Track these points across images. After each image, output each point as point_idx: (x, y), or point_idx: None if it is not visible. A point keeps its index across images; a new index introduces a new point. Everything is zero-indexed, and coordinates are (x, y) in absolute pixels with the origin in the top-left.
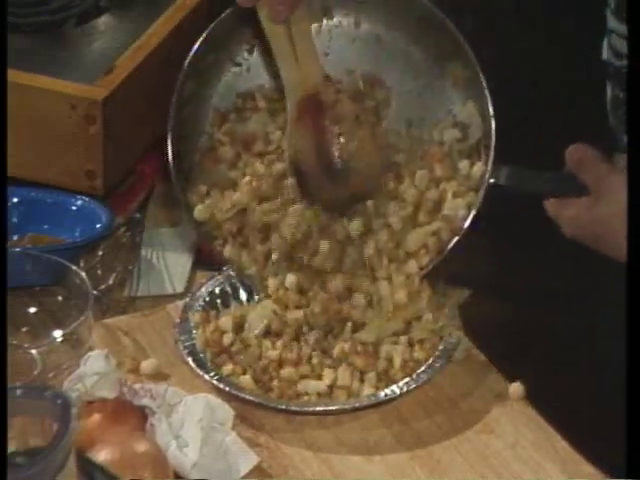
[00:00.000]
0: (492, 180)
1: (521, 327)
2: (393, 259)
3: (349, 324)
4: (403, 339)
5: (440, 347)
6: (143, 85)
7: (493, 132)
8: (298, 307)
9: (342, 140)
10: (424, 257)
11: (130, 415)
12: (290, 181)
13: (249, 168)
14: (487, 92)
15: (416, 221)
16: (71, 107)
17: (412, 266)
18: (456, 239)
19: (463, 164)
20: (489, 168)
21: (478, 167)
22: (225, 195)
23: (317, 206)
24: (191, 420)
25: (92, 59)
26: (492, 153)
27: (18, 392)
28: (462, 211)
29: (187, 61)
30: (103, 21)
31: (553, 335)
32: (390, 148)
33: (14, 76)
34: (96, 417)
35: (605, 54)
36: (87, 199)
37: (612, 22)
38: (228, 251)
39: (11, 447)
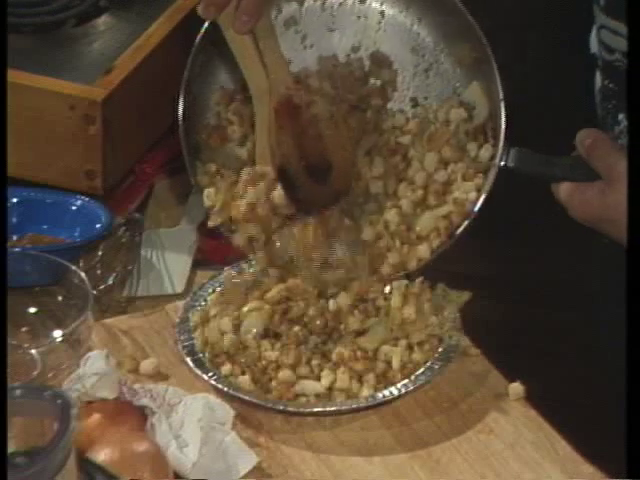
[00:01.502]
0: (502, 163)
1: (521, 327)
2: (405, 242)
3: (350, 331)
4: (402, 342)
5: (440, 349)
6: (142, 85)
7: (502, 114)
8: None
9: (320, 140)
10: (435, 240)
11: (130, 415)
12: (277, 192)
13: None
14: (497, 73)
15: (426, 204)
16: (70, 107)
17: (424, 250)
18: (467, 222)
19: (471, 146)
20: (499, 150)
21: (486, 149)
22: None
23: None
24: (191, 420)
25: (92, 59)
26: (502, 135)
27: (18, 392)
28: (472, 194)
29: (199, 37)
30: (103, 21)
31: (553, 335)
32: (396, 130)
33: (14, 76)
34: (96, 417)
35: (594, 48)
36: (87, 199)
37: (602, 18)
38: (237, 239)
39: (11, 447)
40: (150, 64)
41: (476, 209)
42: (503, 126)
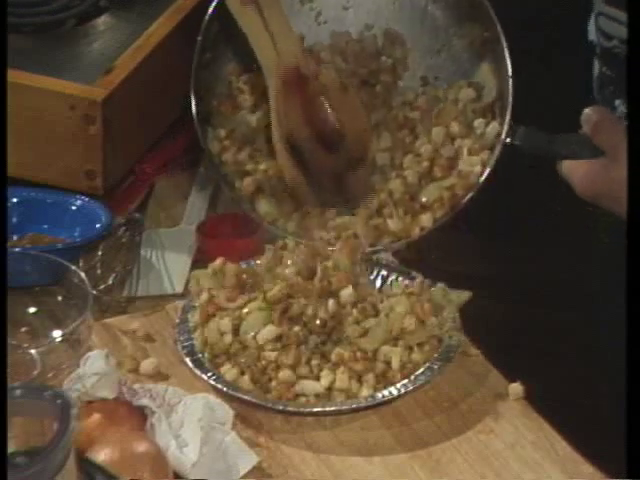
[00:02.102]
0: (508, 140)
1: (521, 327)
2: (408, 211)
3: (350, 330)
4: (402, 342)
5: (439, 349)
6: (142, 85)
7: (510, 92)
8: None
9: (330, 109)
10: (438, 211)
11: (130, 415)
12: (284, 157)
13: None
14: (507, 53)
15: (431, 176)
16: (70, 107)
17: (427, 219)
18: (470, 195)
19: (478, 122)
20: (505, 127)
21: (493, 126)
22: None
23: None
24: (191, 420)
25: (92, 59)
26: (509, 113)
27: (18, 392)
28: (477, 167)
29: (213, 5)
30: (103, 21)
31: (553, 335)
32: (406, 105)
33: (14, 76)
34: (96, 417)
35: (592, 35)
36: (87, 199)
37: (600, 6)
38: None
39: (11, 447)
40: (150, 64)
41: (480, 182)
42: (510, 103)
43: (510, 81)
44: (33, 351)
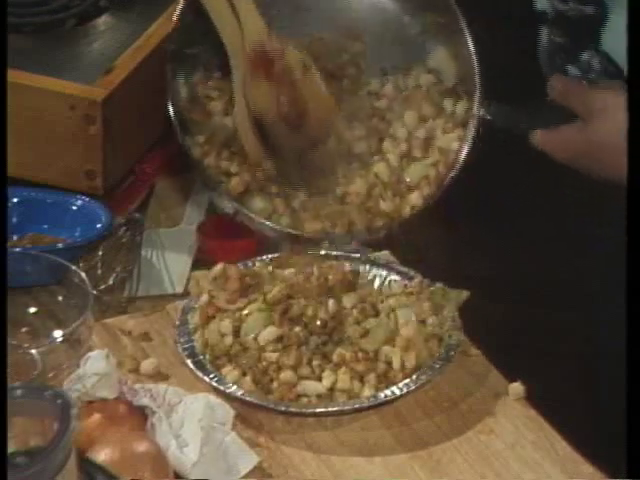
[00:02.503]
0: (480, 113)
1: (521, 327)
2: (397, 193)
3: (351, 331)
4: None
5: (440, 349)
6: (143, 85)
7: (476, 68)
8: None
9: (294, 88)
10: (425, 188)
11: (130, 415)
12: (250, 138)
13: None
14: (466, 33)
15: (412, 157)
16: (70, 107)
17: (416, 197)
18: (453, 173)
19: (447, 102)
20: (475, 102)
21: (462, 104)
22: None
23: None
24: (191, 420)
25: (92, 59)
26: (477, 89)
27: (18, 392)
28: (454, 144)
29: (175, 15)
30: (103, 21)
31: (553, 335)
32: (372, 95)
33: (14, 76)
34: (96, 417)
35: (541, 4)
36: (87, 199)
37: None
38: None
39: (11, 447)
40: (150, 64)
41: (460, 159)
42: (477, 80)
43: (475, 60)
44: (33, 351)
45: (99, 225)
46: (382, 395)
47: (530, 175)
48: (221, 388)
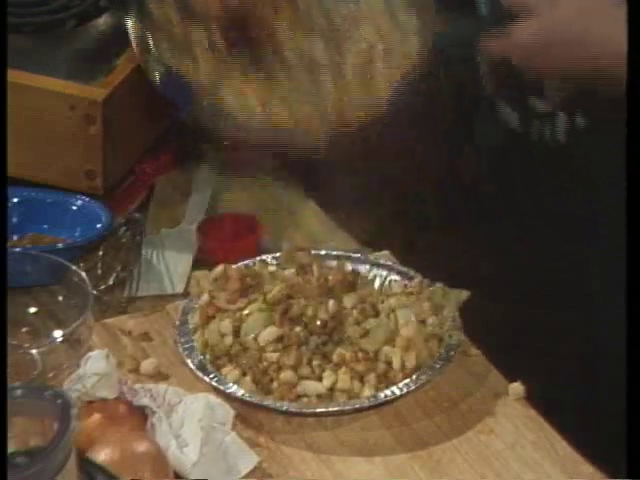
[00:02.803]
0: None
1: (521, 327)
2: (365, 88)
3: (351, 331)
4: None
5: (440, 349)
6: (142, 85)
7: None
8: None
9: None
10: (393, 78)
11: (130, 415)
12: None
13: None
14: None
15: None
16: (70, 107)
17: (383, 86)
18: (420, 71)
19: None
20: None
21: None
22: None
23: None
24: (191, 420)
25: (92, 59)
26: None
27: (18, 392)
28: (414, 47)
29: None
30: (103, 21)
31: (553, 335)
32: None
33: (14, 76)
34: (96, 417)
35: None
36: (87, 199)
37: None
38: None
39: (11, 447)
40: None
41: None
42: None
43: None
44: (33, 351)
45: (99, 225)
46: (382, 395)
47: (530, 175)
48: (221, 388)
